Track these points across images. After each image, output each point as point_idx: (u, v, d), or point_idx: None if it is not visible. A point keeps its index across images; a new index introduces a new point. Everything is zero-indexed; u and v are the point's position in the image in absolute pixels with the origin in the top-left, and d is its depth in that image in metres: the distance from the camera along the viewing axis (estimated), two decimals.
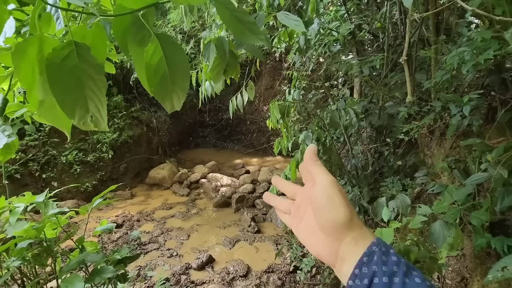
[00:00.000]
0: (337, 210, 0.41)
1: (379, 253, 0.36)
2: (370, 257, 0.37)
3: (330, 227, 0.42)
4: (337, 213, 0.41)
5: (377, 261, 0.36)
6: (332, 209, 0.42)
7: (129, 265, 1.55)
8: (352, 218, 0.41)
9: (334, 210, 0.42)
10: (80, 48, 0.55)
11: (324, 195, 0.43)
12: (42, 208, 1.29)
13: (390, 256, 0.36)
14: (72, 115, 0.58)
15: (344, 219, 0.41)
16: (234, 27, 0.77)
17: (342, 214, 0.41)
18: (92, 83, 0.56)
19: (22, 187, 4.80)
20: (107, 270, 1.24)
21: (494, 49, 1.49)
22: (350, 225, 0.41)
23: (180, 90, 0.71)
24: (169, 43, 0.68)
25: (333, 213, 0.41)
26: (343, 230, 0.41)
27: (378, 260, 0.36)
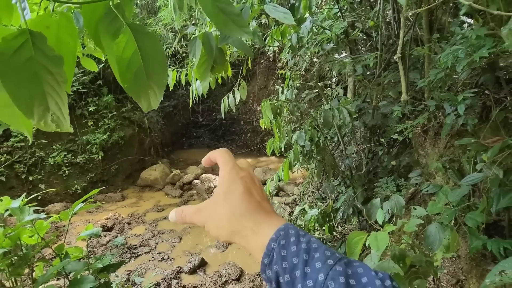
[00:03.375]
0: (231, 202, 0.41)
1: (278, 249, 0.35)
2: (270, 256, 0.35)
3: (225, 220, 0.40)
4: (231, 206, 0.41)
5: (276, 259, 0.35)
6: (225, 202, 0.41)
7: (118, 269, 1.48)
8: (244, 212, 0.40)
9: (228, 202, 0.41)
10: (36, 38, 0.48)
11: (221, 189, 0.43)
12: (18, 214, 1.21)
13: (290, 247, 0.35)
14: (29, 114, 0.51)
15: (237, 212, 0.40)
16: (217, 18, 0.70)
17: (235, 206, 0.40)
18: (50, 78, 0.49)
19: (8, 190, 4.65)
20: (87, 280, 1.17)
21: (488, 47, 1.46)
22: (240, 220, 0.39)
23: (157, 86, 0.65)
24: (143, 35, 0.62)
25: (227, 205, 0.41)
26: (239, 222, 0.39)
27: (277, 257, 0.35)
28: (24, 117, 0.54)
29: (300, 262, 0.33)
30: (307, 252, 0.34)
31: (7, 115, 0.57)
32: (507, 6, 1.42)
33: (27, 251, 1.25)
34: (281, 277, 0.34)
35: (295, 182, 5.56)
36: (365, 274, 0.31)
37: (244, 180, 0.43)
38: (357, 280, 0.31)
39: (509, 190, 1.38)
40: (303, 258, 0.33)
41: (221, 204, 0.41)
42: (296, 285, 0.33)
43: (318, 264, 0.33)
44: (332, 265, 0.32)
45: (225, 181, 0.43)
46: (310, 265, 0.33)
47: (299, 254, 0.34)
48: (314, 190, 3.86)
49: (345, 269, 0.32)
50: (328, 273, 0.31)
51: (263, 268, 0.36)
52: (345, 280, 0.31)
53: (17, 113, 0.57)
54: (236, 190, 0.41)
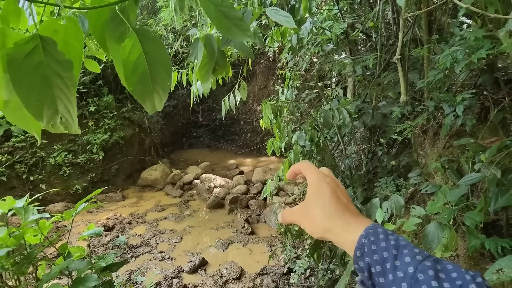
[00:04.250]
0: (321, 204, 0.45)
1: (369, 244, 0.39)
2: (361, 250, 0.39)
3: (319, 219, 0.45)
4: (322, 207, 0.45)
5: (367, 253, 0.38)
6: (317, 204, 0.46)
7: (119, 269, 1.49)
8: (334, 213, 0.44)
9: (319, 204, 0.46)
10: (46, 43, 0.50)
11: (311, 192, 0.47)
12: (22, 214, 1.22)
13: (380, 242, 0.38)
14: (39, 117, 0.53)
15: (328, 213, 0.44)
16: (220, 22, 0.72)
17: (326, 208, 0.45)
18: (60, 81, 0.51)
19: (9, 190, 4.67)
20: (91, 278, 1.18)
21: (487, 48, 1.48)
22: (331, 220, 0.44)
23: (162, 90, 0.66)
24: (149, 39, 0.63)
25: (318, 207, 0.46)
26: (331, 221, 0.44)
27: (368, 251, 0.38)
28: (33, 119, 0.55)
29: (390, 256, 0.36)
30: (396, 247, 0.37)
31: (18, 117, 0.58)
32: (504, 8, 1.44)
33: (31, 250, 1.27)
34: (372, 267, 0.37)
35: (295, 182, 5.58)
36: (454, 270, 0.33)
37: (331, 184, 0.47)
38: (446, 274, 0.32)
39: (507, 190, 1.40)
40: (393, 253, 0.36)
41: (313, 206, 0.46)
42: (387, 275, 0.35)
43: (407, 259, 0.35)
44: (421, 260, 0.34)
45: (313, 186, 0.48)
46: (399, 259, 0.35)
47: (389, 249, 0.37)
48: None
49: (434, 264, 0.34)
50: (418, 266, 0.34)
51: (356, 259, 0.40)
52: (434, 273, 0.32)
53: (27, 115, 0.59)
54: (324, 194, 0.46)
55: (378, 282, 0.37)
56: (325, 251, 2.61)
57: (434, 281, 0.32)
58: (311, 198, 0.47)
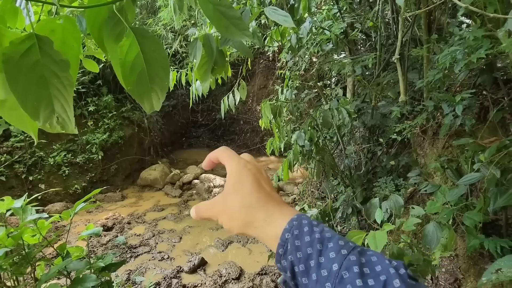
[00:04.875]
0: (241, 194, 0.41)
1: (292, 239, 0.36)
2: (284, 247, 0.36)
3: (237, 212, 0.41)
4: (242, 198, 0.41)
5: (291, 250, 0.35)
6: (236, 194, 0.42)
7: (118, 269, 1.49)
8: (255, 203, 0.40)
9: (238, 194, 0.41)
10: (43, 42, 0.49)
11: (230, 182, 0.43)
12: (20, 214, 1.22)
13: (304, 237, 0.35)
14: (36, 116, 0.53)
15: (247, 204, 0.40)
16: (218, 22, 0.72)
17: (246, 198, 0.41)
18: (57, 81, 0.51)
19: (8, 189, 4.65)
20: (90, 278, 1.18)
21: (486, 48, 1.48)
22: (251, 211, 0.40)
23: (160, 89, 0.66)
24: (146, 38, 0.63)
25: (237, 197, 0.41)
26: (251, 213, 0.40)
27: (291, 248, 0.35)
28: (30, 119, 0.55)
29: (314, 252, 0.34)
30: (320, 242, 0.35)
31: (14, 116, 0.58)
32: (504, 8, 1.44)
33: (29, 250, 1.26)
34: (296, 266, 0.35)
35: (295, 181, 5.58)
36: (379, 262, 0.32)
37: (252, 171, 0.43)
38: (371, 268, 0.31)
39: (506, 190, 1.40)
40: (317, 248, 0.34)
41: (232, 197, 0.42)
42: (311, 274, 0.33)
43: (332, 254, 0.33)
44: (346, 254, 0.33)
45: (233, 174, 0.43)
46: (324, 255, 0.33)
47: (313, 244, 0.35)
48: (314, 190, 3.88)
49: (359, 258, 0.32)
50: (342, 263, 0.32)
51: (278, 258, 0.37)
52: (359, 270, 0.31)
53: (23, 115, 0.58)
54: (245, 182, 0.42)
55: (301, 283, 0.34)
56: None
57: (358, 279, 0.30)
58: (230, 188, 0.42)
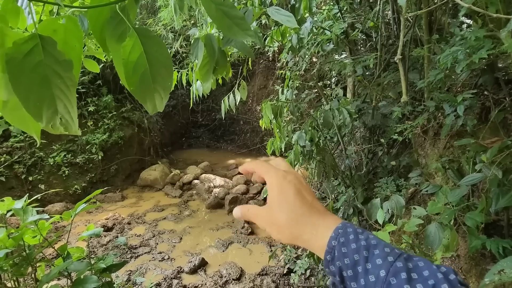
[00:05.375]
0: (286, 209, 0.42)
1: (339, 247, 0.37)
2: (332, 253, 0.38)
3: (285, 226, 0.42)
4: (287, 213, 0.42)
5: (338, 256, 0.37)
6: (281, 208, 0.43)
7: (118, 270, 1.48)
8: (300, 217, 0.41)
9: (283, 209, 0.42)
10: (46, 42, 0.49)
11: (273, 195, 0.44)
12: (21, 215, 1.22)
13: (350, 244, 0.37)
14: (38, 117, 0.52)
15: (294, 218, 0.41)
16: (221, 22, 0.71)
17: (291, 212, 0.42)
18: (60, 81, 0.50)
19: (8, 190, 4.65)
20: (91, 279, 1.18)
21: (487, 48, 1.47)
22: (298, 225, 0.41)
23: (163, 90, 0.66)
24: (149, 38, 0.62)
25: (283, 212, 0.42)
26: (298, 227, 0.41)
27: (339, 255, 0.37)
28: (33, 119, 0.55)
29: (361, 259, 0.35)
30: (366, 249, 0.36)
31: (16, 117, 0.58)
32: (506, 8, 1.44)
33: (30, 251, 1.26)
34: (344, 271, 0.36)
35: None
36: (426, 267, 0.32)
37: (293, 183, 0.44)
38: (418, 273, 0.32)
39: (508, 190, 1.39)
40: (364, 255, 0.35)
41: (277, 213, 0.43)
42: (359, 279, 0.34)
43: (378, 261, 0.34)
44: (392, 261, 0.33)
45: (274, 187, 0.44)
46: (371, 262, 0.34)
47: (360, 251, 0.36)
48: (314, 190, 3.87)
49: (406, 264, 0.33)
50: (389, 269, 0.33)
51: (326, 263, 0.38)
52: (407, 275, 0.32)
53: (26, 116, 0.58)
54: (288, 196, 0.43)
55: (350, 287, 0.36)
56: None
57: (406, 285, 0.31)
58: (274, 202, 0.43)
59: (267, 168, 0.47)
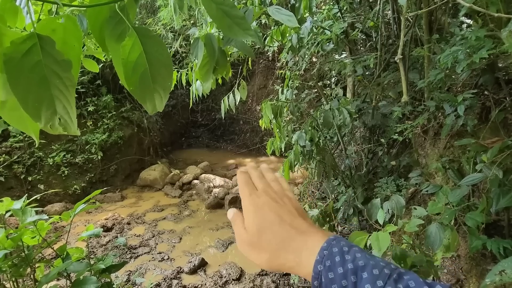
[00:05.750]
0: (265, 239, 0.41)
1: (325, 272, 0.36)
2: (319, 280, 0.36)
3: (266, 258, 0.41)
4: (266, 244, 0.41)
5: (325, 283, 0.36)
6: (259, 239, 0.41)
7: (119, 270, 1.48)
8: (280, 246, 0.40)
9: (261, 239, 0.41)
10: (44, 42, 0.48)
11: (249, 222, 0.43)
12: (20, 215, 1.21)
13: (336, 268, 0.35)
14: (37, 118, 0.52)
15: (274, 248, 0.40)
16: (221, 21, 0.71)
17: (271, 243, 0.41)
18: (59, 82, 0.50)
19: (7, 190, 4.64)
20: (90, 280, 1.17)
21: (488, 48, 1.47)
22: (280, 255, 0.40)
23: (162, 90, 0.65)
24: (149, 38, 0.62)
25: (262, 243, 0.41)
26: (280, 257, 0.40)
27: (326, 281, 0.36)
28: (31, 120, 0.54)
29: (350, 284, 0.34)
30: (354, 273, 0.35)
31: (15, 118, 0.57)
32: (506, 8, 1.44)
33: (29, 252, 1.25)
34: None
35: (295, 182, 5.57)
36: None
37: (267, 206, 0.43)
38: None
39: (508, 190, 1.39)
40: (351, 280, 0.34)
41: (257, 242, 0.42)
42: None
43: (367, 287, 0.33)
44: (382, 286, 0.32)
45: (249, 214, 0.43)
46: (359, 287, 0.33)
47: (347, 276, 0.35)
48: (314, 190, 3.87)
49: (396, 287, 0.32)
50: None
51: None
52: None
53: (24, 116, 0.58)
54: (264, 223, 0.42)
55: None
56: None
57: None
58: (253, 231, 0.42)
59: (243, 190, 0.46)
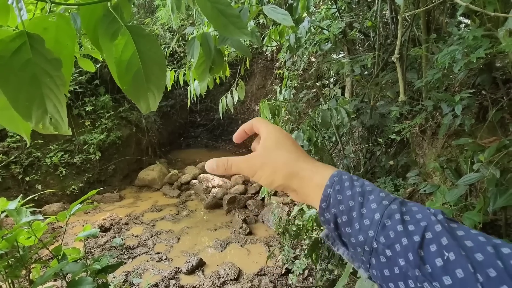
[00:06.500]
0: (285, 149, 0.43)
1: (334, 194, 0.37)
2: (327, 201, 0.38)
3: (283, 163, 0.42)
4: (286, 152, 0.43)
5: (333, 203, 0.37)
6: (279, 149, 0.43)
7: (115, 270, 1.47)
8: (299, 157, 0.42)
9: (281, 149, 0.43)
10: (34, 40, 0.48)
11: (270, 141, 0.45)
12: (15, 216, 1.20)
13: (345, 191, 0.37)
14: (28, 117, 0.51)
15: (293, 156, 0.42)
16: (216, 20, 0.70)
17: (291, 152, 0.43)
18: (49, 80, 0.49)
19: (4, 190, 4.62)
20: (86, 281, 1.16)
21: (485, 47, 1.47)
22: (297, 163, 0.42)
23: (156, 89, 0.65)
24: (142, 37, 0.61)
25: (281, 151, 0.43)
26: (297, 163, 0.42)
27: (334, 202, 0.37)
28: (22, 119, 0.53)
29: (356, 205, 0.35)
30: (361, 195, 0.36)
31: (5, 117, 0.56)
32: (503, 7, 1.43)
33: (24, 253, 1.24)
34: (339, 218, 0.36)
35: None
36: (420, 211, 0.33)
37: (289, 136, 0.46)
38: (411, 216, 0.32)
39: (505, 190, 1.39)
40: (359, 201, 0.35)
41: (275, 151, 0.43)
42: (354, 224, 0.35)
43: (373, 205, 0.34)
44: (387, 205, 0.34)
45: (271, 135, 0.45)
46: (365, 206, 0.35)
47: (354, 197, 0.36)
48: None
49: (400, 207, 0.33)
50: (384, 212, 0.33)
51: (321, 211, 0.39)
52: (400, 217, 0.32)
53: (15, 116, 0.57)
54: (286, 141, 0.44)
55: (344, 232, 0.36)
56: (323, 251, 2.60)
57: (399, 225, 0.31)
58: (271, 145, 0.44)
59: (266, 122, 0.48)
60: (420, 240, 0.30)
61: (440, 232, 0.29)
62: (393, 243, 0.31)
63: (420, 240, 0.30)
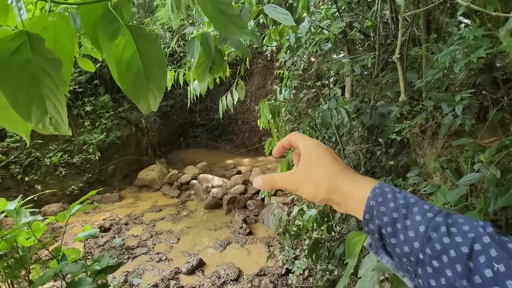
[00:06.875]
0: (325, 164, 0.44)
1: (377, 206, 0.38)
2: (370, 213, 0.39)
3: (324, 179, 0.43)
4: (326, 167, 0.44)
5: (377, 215, 0.38)
6: (319, 164, 0.45)
7: (115, 270, 1.47)
8: (339, 172, 0.43)
9: (321, 165, 0.44)
10: (33, 40, 0.47)
11: (309, 156, 0.46)
12: (14, 216, 1.20)
13: (388, 203, 0.37)
14: (27, 117, 0.51)
15: (333, 172, 0.43)
16: (216, 20, 0.70)
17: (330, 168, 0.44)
18: (49, 80, 0.49)
19: (4, 190, 4.61)
20: (85, 282, 1.16)
21: (486, 47, 1.47)
22: (337, 178, 0.43)
23: (156, 89, 0.64)
24: (142, 36, 0.61)
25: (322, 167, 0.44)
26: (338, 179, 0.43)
27: (377, 213, 0.38)
28: (21, 120, 0.53)
29: (400, 216, 0.36)
30: (405, 207, 0.36)
31: (4, 117, 0.56)
32: (504, 7, 1.43)
33: (23, 253, 1.24)
34: (383, 229, 0.37)
35: None
36: (466, 223, 0.33)
37: (328, 150, 0.47)
38: (458, 228, 0.32)
39: (506, 190, 1.39)
40: (403, 213, 0.36)
41: (316, 167, 0.44)
42: (399, 235, 0.35)
43: (417, 217, 0.35)
44: (432, 217, 0.34)
45: (309, 151, 0.46)
46: (410, 218, 0.35)
47: (398, 209, 0.36)
48: None
49: (445, 219, 0.33)
50: (429, 224, 0.33)
51: (365, 222, 0.39)
52: (447, 229, 0.32)
53: (15, 116, 0.56)
54: (325, 156, 0.45)
55: (389, 243, 0.37)
56: (323, 251, 2.60)
57: (445, 238, 0.32)
58: (311, 160, 0.45)
59: (304, 137, 0.49)
60: (468, 251, 0.30)
61: (489, 243, 0.30)
62: (440, 254, 0.31)
63: (469, 251, 0.30)
